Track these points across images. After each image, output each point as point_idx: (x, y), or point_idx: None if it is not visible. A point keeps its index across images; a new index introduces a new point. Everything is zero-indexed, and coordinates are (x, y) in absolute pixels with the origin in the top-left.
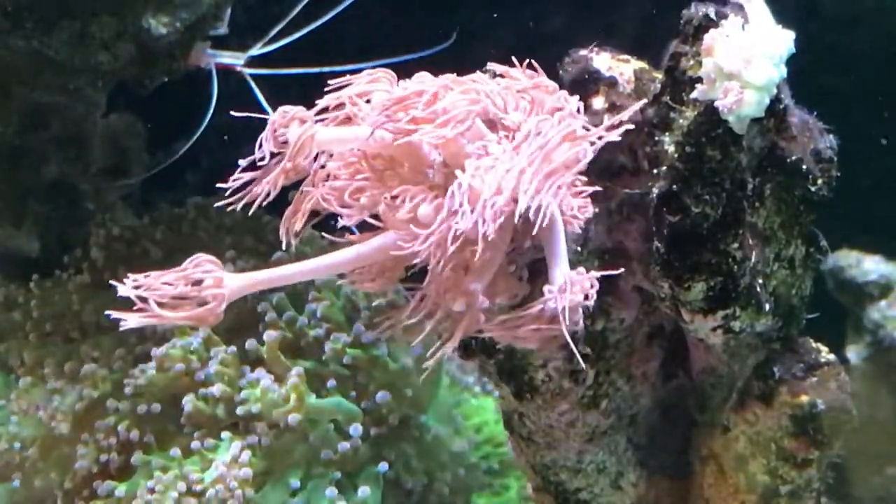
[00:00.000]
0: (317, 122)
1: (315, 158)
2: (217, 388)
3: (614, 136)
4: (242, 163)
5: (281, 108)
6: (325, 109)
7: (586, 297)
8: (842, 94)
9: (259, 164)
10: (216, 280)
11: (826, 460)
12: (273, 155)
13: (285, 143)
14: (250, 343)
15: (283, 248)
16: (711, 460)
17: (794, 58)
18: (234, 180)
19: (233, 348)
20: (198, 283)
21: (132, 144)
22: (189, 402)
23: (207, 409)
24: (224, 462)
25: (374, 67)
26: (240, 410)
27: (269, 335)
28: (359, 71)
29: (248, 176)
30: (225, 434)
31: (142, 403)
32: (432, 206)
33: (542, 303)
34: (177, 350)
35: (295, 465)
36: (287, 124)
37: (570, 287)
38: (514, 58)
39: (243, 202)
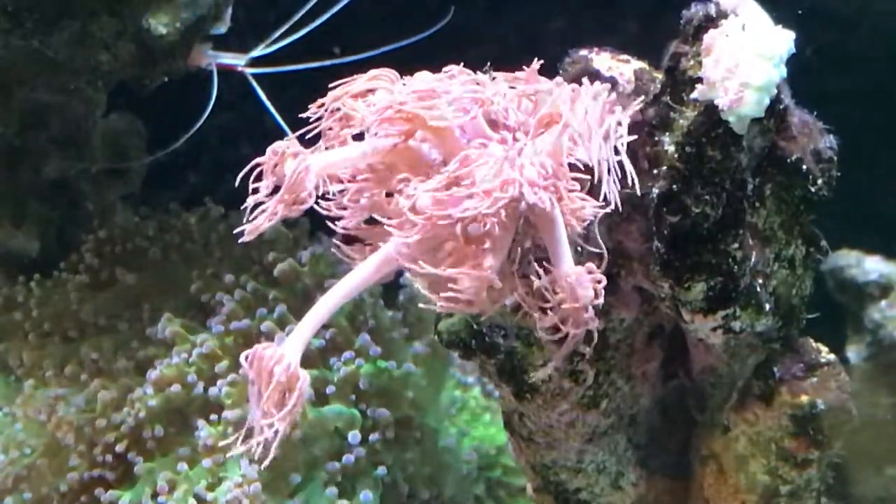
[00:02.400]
0: (311, 138)
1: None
2: (231, 414)
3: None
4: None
5: (271, 148)
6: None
7: (596, 295)
8: (842, 94)
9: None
10: (281, 361)
11: (826, 460)
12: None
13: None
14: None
15: (245, 236)
16: (711, 460)
17: (794, 58)
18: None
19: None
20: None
21: (132, 144)
22: (206, 434)
23: (219, 432)
24: (236, 482)
25: (370, 57)
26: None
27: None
28: (357, 62)
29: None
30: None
31: (146, 430)
32: (430, 196)
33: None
34: (171, 369)
35: (295, 469)
36: (281, 162)
37: (579, 282)
38: (515, 58)
39: (245, 236)
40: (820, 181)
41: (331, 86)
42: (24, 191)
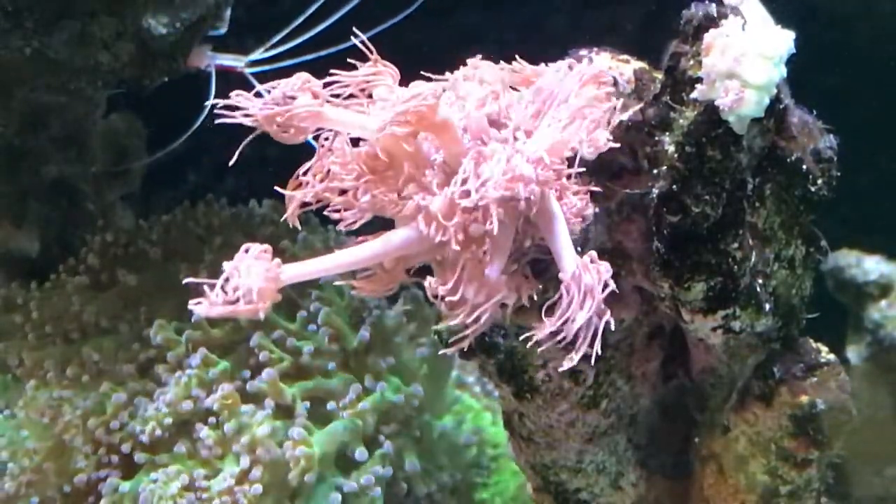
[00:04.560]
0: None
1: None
2: (228, 427)
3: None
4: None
5: (297, 74)
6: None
7: (605, 286)
8: (842, 94)
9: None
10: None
11: (826, 460)
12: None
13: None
14: (251, 385)
15: (291, 224)
16: (711, 460)
17: (794, 57)
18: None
19: (234, 385)
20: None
21: (132, 144)
22: (205, 434)
23: (218, 434)
24: (232, 474)
25: (363, 41)
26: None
27: (268, 373)
28: (351, 48)
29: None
30: (236, 446)
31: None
32: (445, 199)
33: (563, 291)
34: (180, 388)
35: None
36: (300, 91)
37: (585, 272)
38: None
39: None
40: (820, 181)
41: (330, 77)
42: (24, 191)
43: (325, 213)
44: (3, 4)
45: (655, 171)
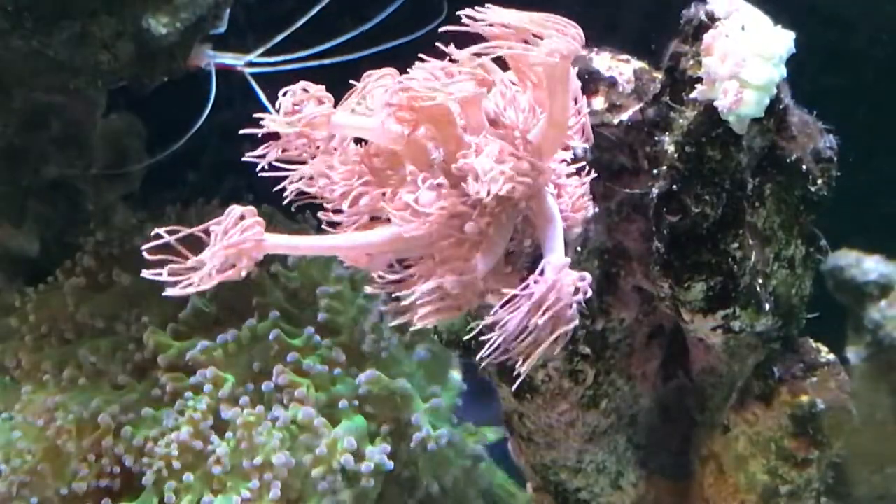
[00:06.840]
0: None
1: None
2: (245, 443)
3: None
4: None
5: (301, 83)
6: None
7: (576, 292)
8: (842, 94)
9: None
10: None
11: (826, 460)
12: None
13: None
14: (284, 417)
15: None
16: (711, 460)
17: (794, 57)
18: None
19: (260, 408)
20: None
21: (132, 144)
22: (224, 454)
23: (232, 447)
24: (245, 497)
25: (371, 55)
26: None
27: (306, 412)
28: (357, 61)
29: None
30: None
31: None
32: (434, 193)
33: (527, 284)
34: (191, 427)
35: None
36: (305, 101)
37: (553, 275)
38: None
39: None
40: (820, 181)
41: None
42: (24, 191)
43: (320, 215)
44: (3, 4)
45: (655, 171)
